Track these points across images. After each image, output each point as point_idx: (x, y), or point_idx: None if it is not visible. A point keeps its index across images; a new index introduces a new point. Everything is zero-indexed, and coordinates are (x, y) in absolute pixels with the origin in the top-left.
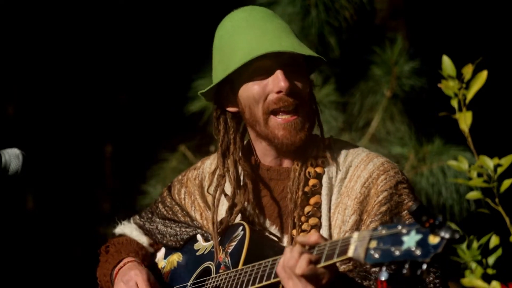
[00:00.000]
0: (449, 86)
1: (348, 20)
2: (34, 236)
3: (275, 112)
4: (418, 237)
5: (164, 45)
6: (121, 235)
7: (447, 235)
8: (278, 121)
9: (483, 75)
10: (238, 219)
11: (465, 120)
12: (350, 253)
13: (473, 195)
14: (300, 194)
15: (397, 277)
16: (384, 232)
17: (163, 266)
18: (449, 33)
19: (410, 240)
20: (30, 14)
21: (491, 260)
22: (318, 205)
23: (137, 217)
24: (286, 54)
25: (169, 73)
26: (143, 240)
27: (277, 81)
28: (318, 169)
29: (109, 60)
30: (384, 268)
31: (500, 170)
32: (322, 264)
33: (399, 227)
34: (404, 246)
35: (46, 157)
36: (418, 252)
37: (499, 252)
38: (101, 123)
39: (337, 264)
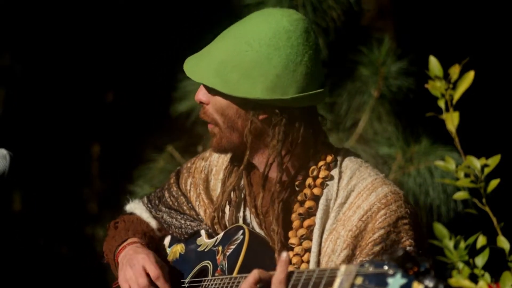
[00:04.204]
0: (436, 87)
1: (336, 21)
2: (21, 236)
3: None
4: (403, 281)
5: (151, 45)
6: (132, 213)
7: (430, 284)
8: None
9: (470, 75)
10: (240, 220)
11: (452, 120)
12: (335, 286)
13: (460, 195)
14: (293, 216)
15: None
16: (370, 270)
17: (166, 255)
18: (436, 33)
19: (395, 283)
20: (16, 13)
21: (478, 260)
22: (311, 228)
23: (146, 200)
24: None
25: (156, 73)
26: (153, 223)
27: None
28: (316, 190)
29: (96, 60)
30: None
31: (487, 170)
32: None
33: (386, 267)
34: None
35: (33, 158)
36: None
37: (486, 252)
38: (88, 123)
39: None
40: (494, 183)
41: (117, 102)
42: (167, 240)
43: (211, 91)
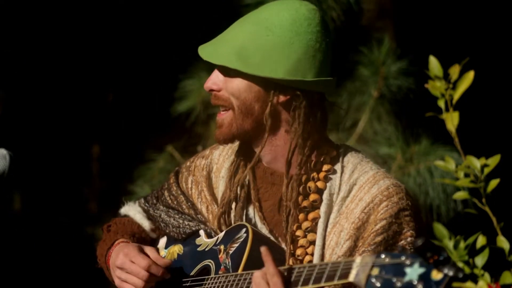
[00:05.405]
0: (436, 87)
1: (335, 21)
2: (21, 236)
3: None
4: (421, 270)
5: (151, 45)
6: (125, 216)
7: (450, 273)
8: None
9: (470, 75)
10: (243, 218)
11: (452, 120)
12: (351, 277)
13: (460, 195)
14: (297, 211)
15: None
16: (387, 260)
17: (163, 256)
18: (436, 33)
19: (413, 272)
20: (16, 14)
21: (478, 260)
22: (316, 221)
23: (143, 200)
24: None
25: (156, 73)
26: (146, 224)
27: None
28: (320, 184)
29: (96, 60)
30: None
31: (487, 170)
32: (322, 284)
33: (403, 257)
34: (406, 278)
35: (33, 158)
36: (419, 286)
37: (486, 252)
38: (88, 124)
39: None
40: (494, 183)
41: (117, 102)
42: (162, 242)
43: (230, 74)
